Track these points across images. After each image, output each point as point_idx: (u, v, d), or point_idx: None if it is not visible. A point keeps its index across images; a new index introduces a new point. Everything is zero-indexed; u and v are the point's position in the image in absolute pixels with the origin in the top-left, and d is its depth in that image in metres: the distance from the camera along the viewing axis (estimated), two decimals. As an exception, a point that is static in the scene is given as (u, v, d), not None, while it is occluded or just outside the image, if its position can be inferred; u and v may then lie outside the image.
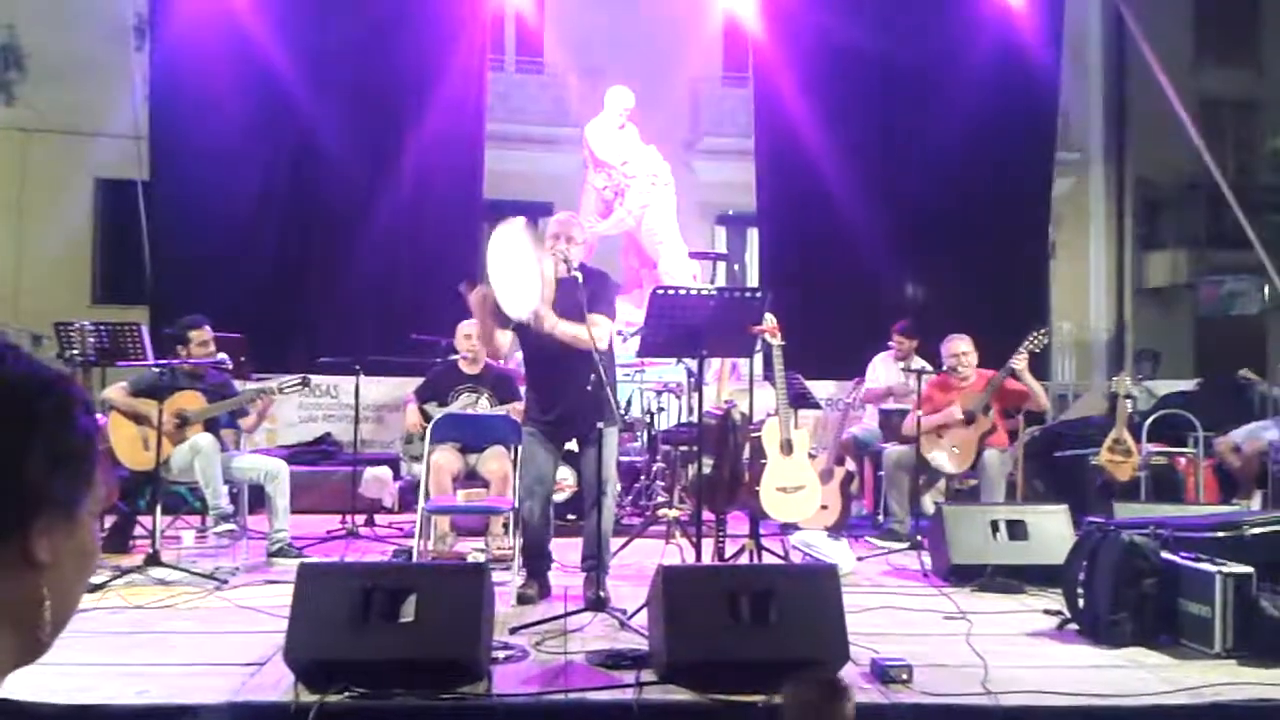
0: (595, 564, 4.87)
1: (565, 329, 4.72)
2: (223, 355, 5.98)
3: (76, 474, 0.89)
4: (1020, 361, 6.53)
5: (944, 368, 6.89)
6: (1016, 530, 5.51)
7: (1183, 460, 7.53)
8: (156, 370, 5.83)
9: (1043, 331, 6.79)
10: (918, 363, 7.70)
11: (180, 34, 9.69)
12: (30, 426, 0.86)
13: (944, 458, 6.66)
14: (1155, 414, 7.79)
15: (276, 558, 5.77)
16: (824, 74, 10.38)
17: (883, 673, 3.69)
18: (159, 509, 5.58)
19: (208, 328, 6.15)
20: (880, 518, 7.19)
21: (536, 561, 5.10)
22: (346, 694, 3.36)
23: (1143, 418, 7.81)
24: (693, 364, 5.49)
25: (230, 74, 9.73)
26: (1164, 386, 9.66)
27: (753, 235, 13.86)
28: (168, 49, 9.78)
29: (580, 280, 4.63)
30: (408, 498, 7.26)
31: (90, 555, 0.94)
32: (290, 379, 6.23)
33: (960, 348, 6.82)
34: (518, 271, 4.57)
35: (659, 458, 7.53)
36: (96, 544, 0.96)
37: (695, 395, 4.84)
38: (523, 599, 4.87)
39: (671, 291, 4.65)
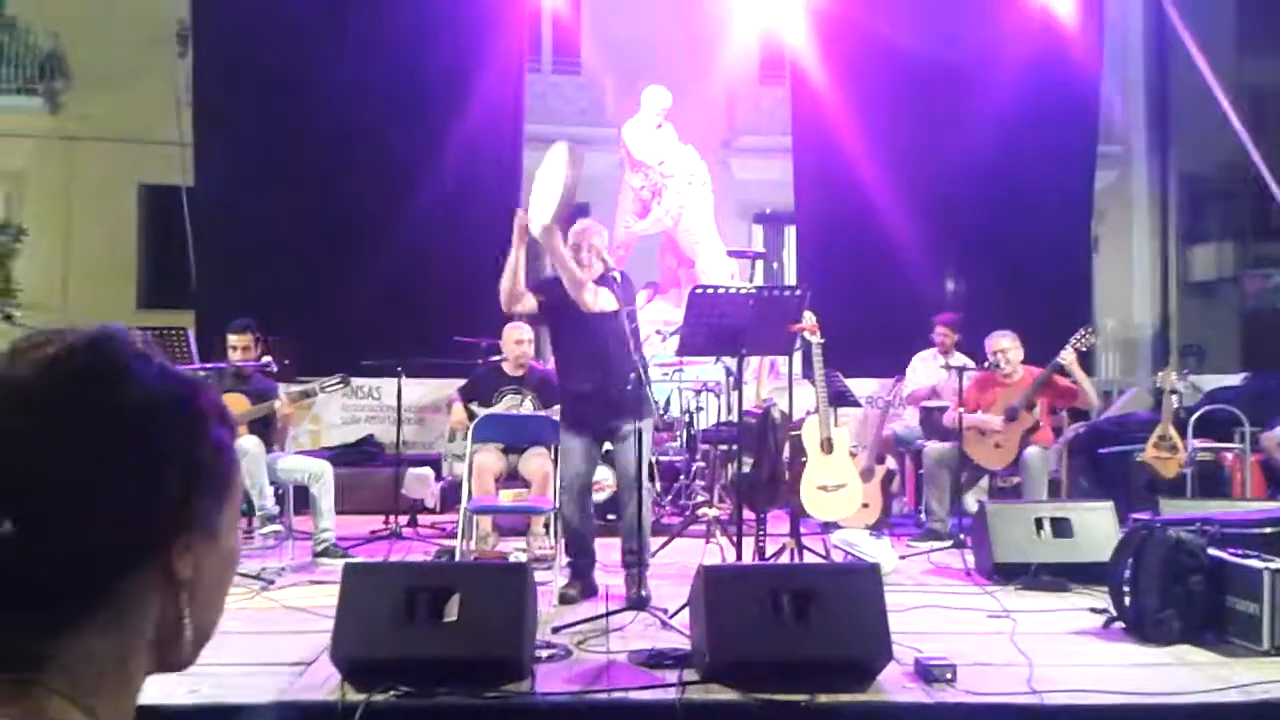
0: (635, 560, 4.90)
1: (565, 255, 4.82)
2: (267, 358, 6.06)
3: (213, 488, 0.87)
4: (1067, 357, 6.47)
5: (987, 364, 6.85)
6: (1061, 528, 5.46)
7: (1229, 456, 7.43)
8: (203, 374, 5.92)
9: (1090, 330, 6.77)
10: (958, 359, 7.66)
11: (222, 41, 9.81)
12: (164, 447, 0.83)
13: (986, 454, 6.63)
14: (1201, 409, 7.69)
15: (322, 558, 5.85)
16: (861, 71, 10.32)
17: (926, 672, 3.67)
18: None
19: (248, 333, 6.23)
20: (922, 516, 7.16)
21: (579, 560, 5.13)
22: (392, 693, 3.40)
23: (1188, 413, 7.71)
24: (731, 363, 5.51)
25: (271, 79, 9.82)
26: (1210, 381, 9.52)
27: (790, 234, 13.85)
28: (210, 55, 9.91)
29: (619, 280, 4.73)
30: (450, 498, 7.32)
31: (231, 564, 0.92)
32: (331, 379, 6.30)
33: (1003, 344, 6.78)
34: (547, 186, 4.73)
35: (699, 457, 7.55)
36: (237, 551, 0.94)
37: (734, 394, 4.84)
38: (564, 599, 4.89)
39: (710, 290, 4.66)
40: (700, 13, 12.77)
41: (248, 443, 5.83)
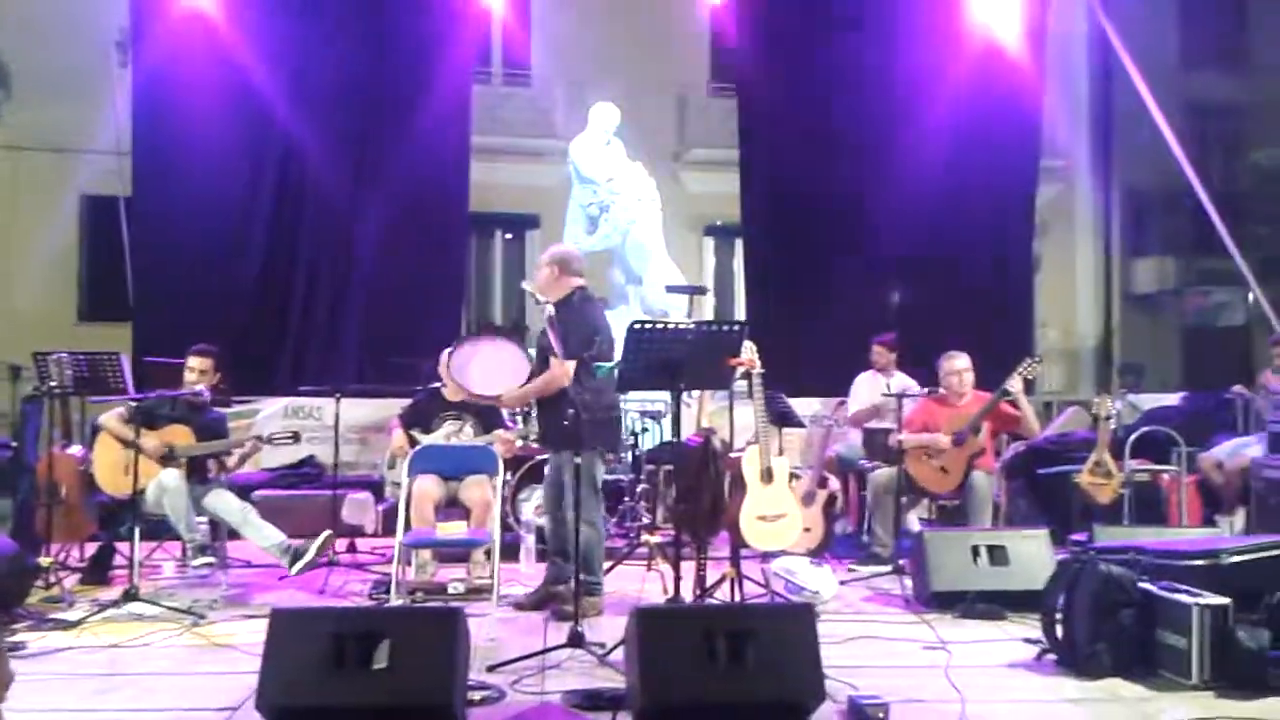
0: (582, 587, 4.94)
1: (521, 394, 5.38)
2: (201, 387, 5.96)
3: None
4: (1015, 385, 6.50)
5: (939, 386, 6.84)
6: (997, 555, 5.49)
7: (1166, 477, 7.51)
8: (155, 399, 5.84)
9: (1036, 359, 6.81)
10: (898, 381, 7.69)
11: (162, 50, 9.61)
12: None
13: (932, 478, 6.64)
14: (1138, 431, 7.78)
15: (297, 562, 5.72)
16: (806, 86, 10.34)
17: (860, 712, 3.68)
18: (138, 539, 5.51)
19: (210, 358, 6.13)
20: (864, 538, 7.18)
21: (548, 569, 5.55)
22: (319, 742, 3.35)
23: (1126, 433, 7.79)
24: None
25: (213, 89, 9.67)
26: (1149, 400, 9.64)
27: (741, 246, 13.88)
28: (150, 65, 9.71)
29: (554, 315, 5.03)
30: (390, 521, 7.23)
31: None
32: (281, 432, 6.27)
33: (959, 365, 6.77)
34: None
35: (642, 478, 7.54)
36: None
37: (673, 425, 4.84)
38: (561, 616, 5.15)
39: (648, 326, 4.64)
40: (650, 23, 12.79)
41: (167, 478, 5.71)
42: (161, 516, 5.80)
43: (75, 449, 6.70)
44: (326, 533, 5.95)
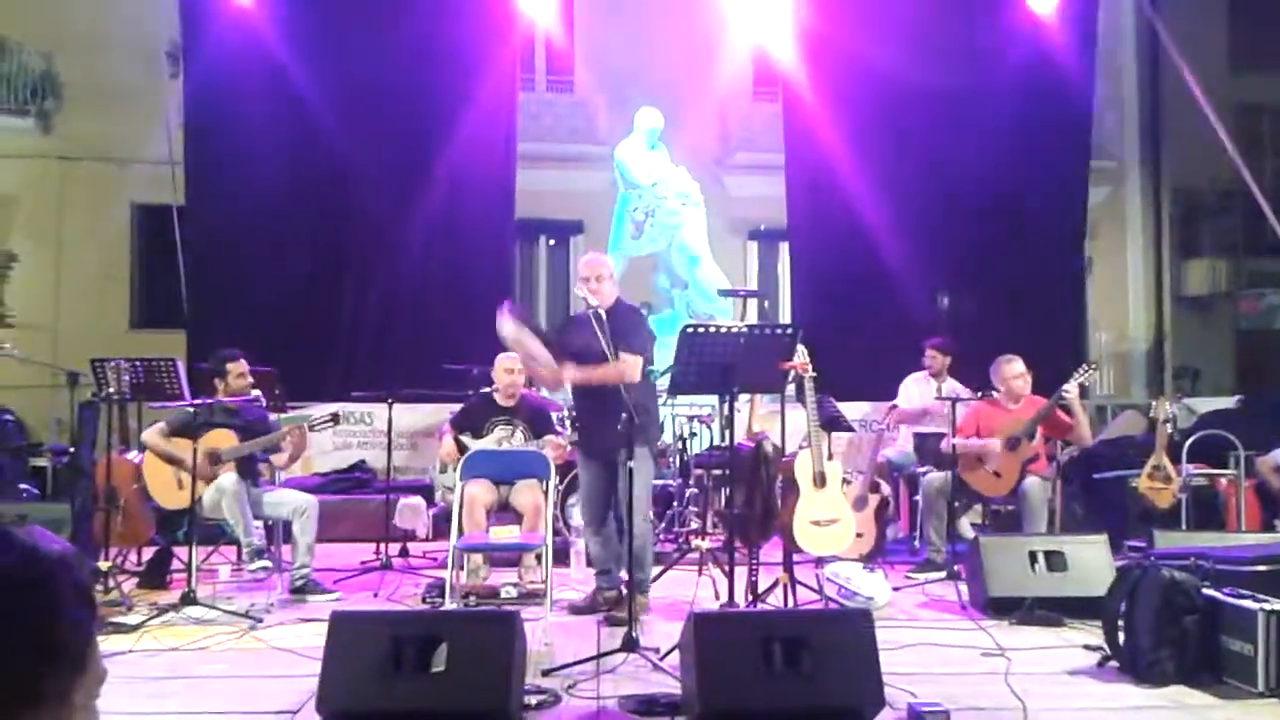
0: (631, 589, 4.93)
1: (583, 375, 5.22)
2: (256, 391, 6.02)
3: (65, 665, 0.88)
4: (1071, 391, 6.42)
5: (997, 391, 6.76)
6: (1055, 561, 5.43)
7: (1224, 481, 7.39)
8: (192, 409, 5.87)
9: (1093, 365, 6.73)
10: (950, 386, 7.62)
11: (213, 61, 9.80)
12: (16, 626, 0.84)
13: (986, 482, 6.58)
14: (1196, 434, 7.66)
15: (299, 594, 5.75)
16: (853, 89, 10.30)
17: (920, 719, 3.64)
18: (195, 545, 5.58)
19: (243, 360, 6.20)
20: (916, 543, 7.11)
21: (599, 577, 5.50)
22: (379, 745, 3.36)
23: (1183, 436, 7.68)
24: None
25: (262, 100, 9.82)
26: (1204, 404, 9.49)
27: (785, 250, 13.80)
28: (201, 76, 9.89)
29: (604, 318, 4.95)
30: (441, 526, 7.28)
31: None
32: (321, 416, 6.25)
33: (1019, 368, 6.71)
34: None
35: (691, 483, 7.52)
36: None
37: (726, 430, 4.81)
38: (612, 621, 5.13)
39: (701, 329, 4.63)
40: (693, 30, 12.74)
41: (226, 481, 5.76)
42: (218, 521, 5.85)
43: (133, 455, 6.80)
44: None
